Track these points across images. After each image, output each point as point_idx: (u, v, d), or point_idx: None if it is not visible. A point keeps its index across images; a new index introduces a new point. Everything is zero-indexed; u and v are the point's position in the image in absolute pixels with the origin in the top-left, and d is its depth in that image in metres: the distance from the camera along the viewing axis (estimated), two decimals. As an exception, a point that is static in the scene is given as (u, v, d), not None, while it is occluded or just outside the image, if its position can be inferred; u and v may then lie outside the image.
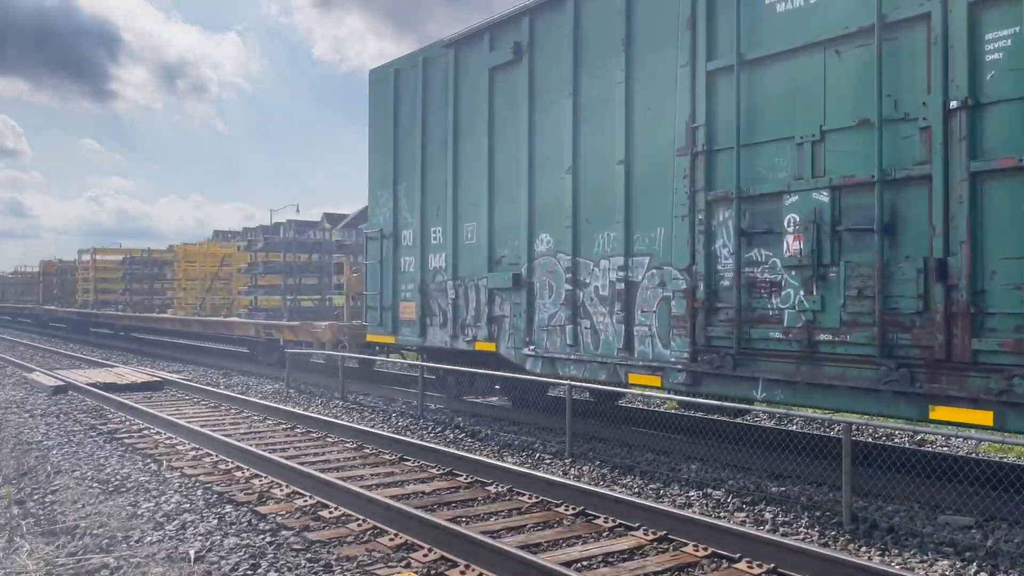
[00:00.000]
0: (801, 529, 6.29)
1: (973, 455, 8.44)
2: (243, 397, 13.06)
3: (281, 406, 12.07)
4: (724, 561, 5.50)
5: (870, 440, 9.27)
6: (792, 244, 7.22)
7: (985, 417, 6.03)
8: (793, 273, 7.22)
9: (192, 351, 22.80)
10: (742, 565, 5.37)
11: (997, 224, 6.04)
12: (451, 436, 10.23)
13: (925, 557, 5.63)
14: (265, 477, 7.90)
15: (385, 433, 9.72)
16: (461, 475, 7.92)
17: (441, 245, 11.56)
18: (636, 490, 7.47)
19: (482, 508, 6.84)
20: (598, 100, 9.12)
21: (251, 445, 9.08)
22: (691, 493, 7.34)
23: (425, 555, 5.60)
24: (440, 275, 11.59)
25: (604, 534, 6.12)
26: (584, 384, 9.23)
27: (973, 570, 5.39)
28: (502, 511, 6.75)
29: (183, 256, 32.84)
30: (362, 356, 14.39)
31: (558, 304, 9.63)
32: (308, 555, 5.63)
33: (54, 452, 9.21)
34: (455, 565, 5.41)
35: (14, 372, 17.82)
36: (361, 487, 7.13)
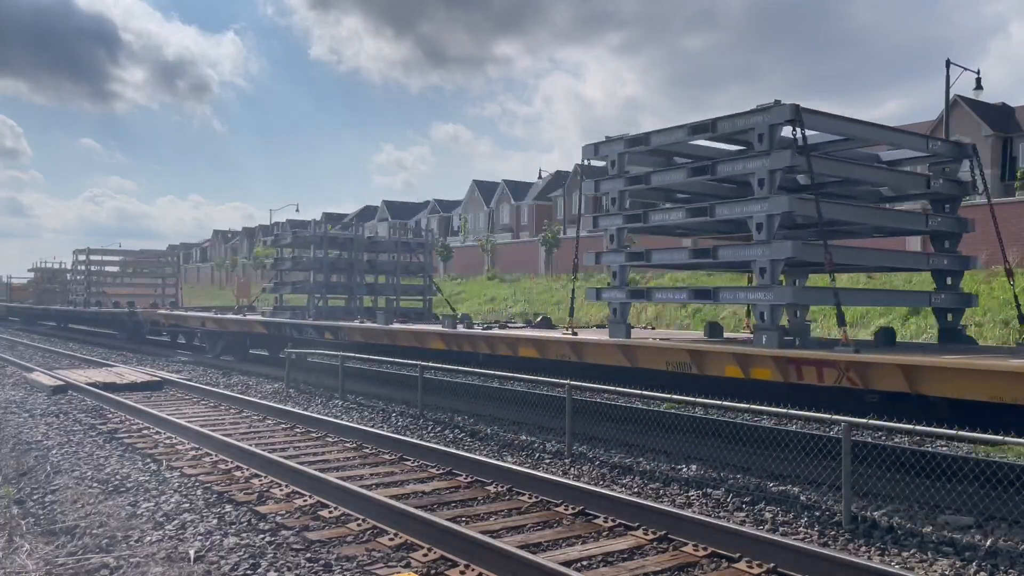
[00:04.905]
0: (801, 529, 6.29)
1: (973, 455, 8.44)
2: (243, 397, 13.06)
3: (281, 406, 12.08)
4: (724, 561, 5.50)
5: (870, 440, 9.26)
6: None
7: None
8: None
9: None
10: (742, 565, 5.37)
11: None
12: (451, 436, 10.23)
13: (925, 557, 5.62)
14: (265, 477, 7.89)
15: (385, 433, 9.72)
16: (461, 475, 7.91)
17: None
18: (636, 490, 7.47)
19: (482, 508, 6.84)
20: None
21: (251, 445, 9.08)
22: (691, 493, 7.34)
23: (425, 555, 5.60)
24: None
25: (604, 534, 6.11)
26: (584, 384, 9.22)
27: (973, 570, 5.39)
28: (502, 511, 6.75)
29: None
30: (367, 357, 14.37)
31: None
32: (308, 555, 5.63)
33: (54, 452, 9.21)
34: (455, 565, 5.41)
35: (14, 372, 17.81)
36: (361, 487, 7.12)
